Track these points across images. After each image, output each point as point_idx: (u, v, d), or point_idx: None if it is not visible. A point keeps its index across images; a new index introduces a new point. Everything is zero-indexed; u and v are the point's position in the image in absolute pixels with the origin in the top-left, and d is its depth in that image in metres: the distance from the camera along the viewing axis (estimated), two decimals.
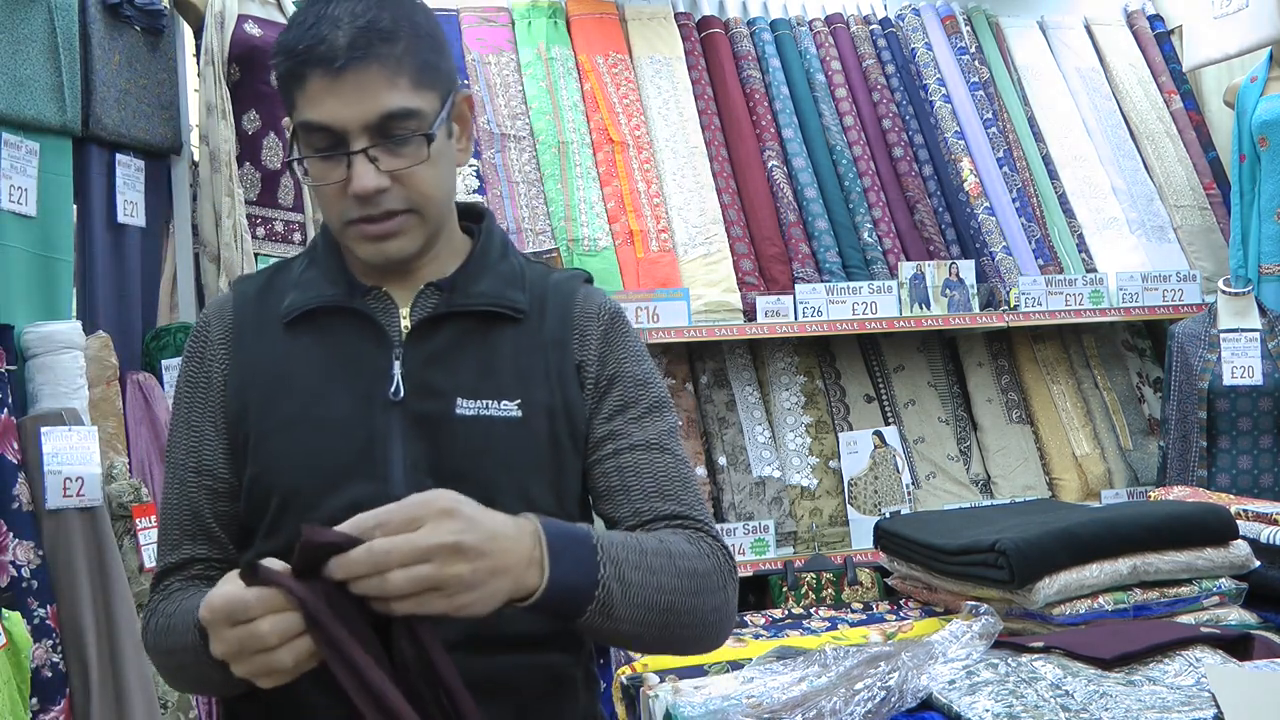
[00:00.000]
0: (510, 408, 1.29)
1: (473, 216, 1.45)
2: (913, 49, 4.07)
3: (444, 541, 1.01)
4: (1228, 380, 3.29)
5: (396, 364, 1.29)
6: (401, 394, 1.28)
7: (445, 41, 1.33)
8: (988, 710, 1.49)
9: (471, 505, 1.06)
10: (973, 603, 1.75)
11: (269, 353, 1.33)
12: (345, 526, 1.02)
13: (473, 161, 3.57)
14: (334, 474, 1.26)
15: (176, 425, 1.36)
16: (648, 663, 1.86)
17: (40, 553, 2.35)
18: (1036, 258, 3.73)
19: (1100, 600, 1.85)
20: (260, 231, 3.09)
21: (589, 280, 1.45)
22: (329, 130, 1.23)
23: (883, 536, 2.26)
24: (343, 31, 1.21)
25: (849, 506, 3.48)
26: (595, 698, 1.39)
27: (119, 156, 2.90)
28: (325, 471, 1.26)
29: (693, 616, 1.23)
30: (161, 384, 2.85)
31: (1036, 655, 1.64)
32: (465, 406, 1.28)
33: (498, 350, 1.32)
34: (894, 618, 2.15)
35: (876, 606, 2.27)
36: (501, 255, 1.40)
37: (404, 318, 1.33)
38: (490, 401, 1.29)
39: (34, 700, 2.26)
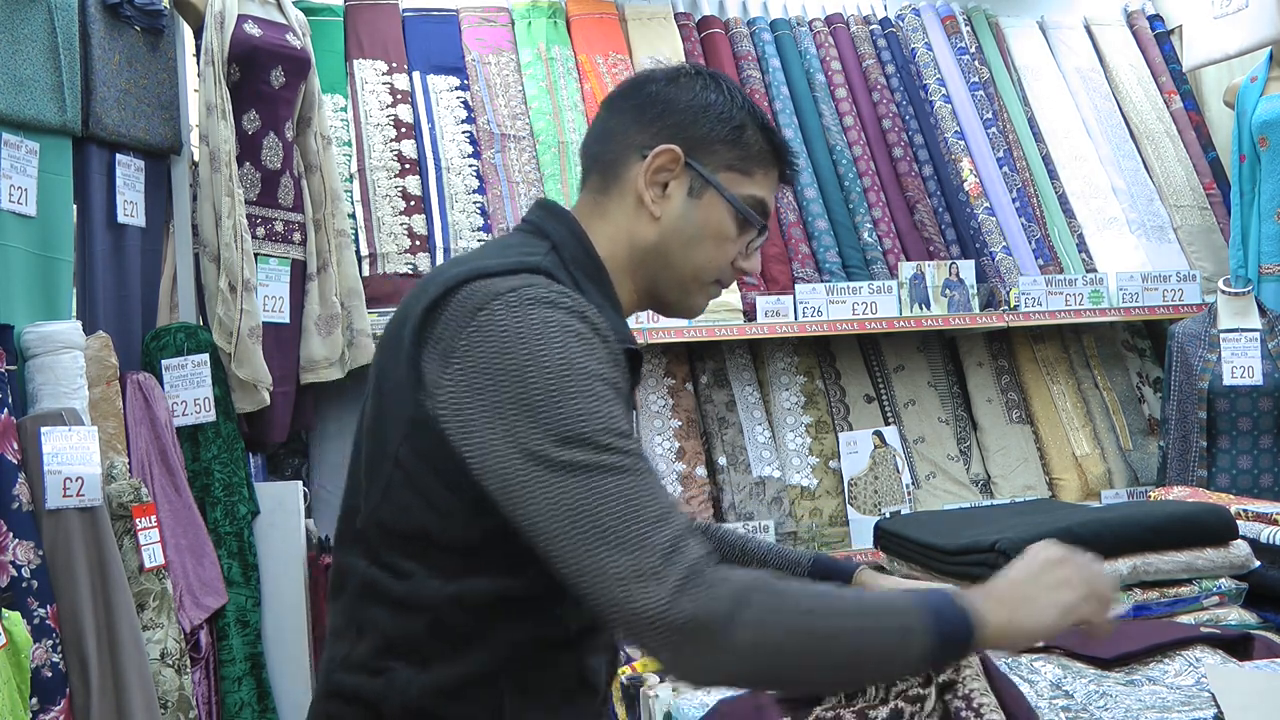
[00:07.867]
0: None
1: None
2: (913, 49, 4.07)
3: None
4: (1228, 380, 3.29)
5: (634, 414, 1.43)
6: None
7: None
8: None
9: None
10: None
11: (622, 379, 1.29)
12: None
13: (473, 161, 3.57)
14: None
15: (615, 398, 1.21)
16: (648, 662, 1.85)
17: (40, 553, 2.35)
18: (1036, 258, 3.73)
19: None
20: (260, 231, 3.09)
21: None
22: (766, 213, 1.43)
23: (883, 536, 2.26)
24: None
25: (849, 506, 3.48)
26: None
27: (119, 156, 2.90)
28: None
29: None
30: (161, 384, 2.85)
31: (1036, 655, 1.64)
32: None
33: None
34: None
35: None
36: None
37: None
38: None
39: (34, 700, 2.26)
